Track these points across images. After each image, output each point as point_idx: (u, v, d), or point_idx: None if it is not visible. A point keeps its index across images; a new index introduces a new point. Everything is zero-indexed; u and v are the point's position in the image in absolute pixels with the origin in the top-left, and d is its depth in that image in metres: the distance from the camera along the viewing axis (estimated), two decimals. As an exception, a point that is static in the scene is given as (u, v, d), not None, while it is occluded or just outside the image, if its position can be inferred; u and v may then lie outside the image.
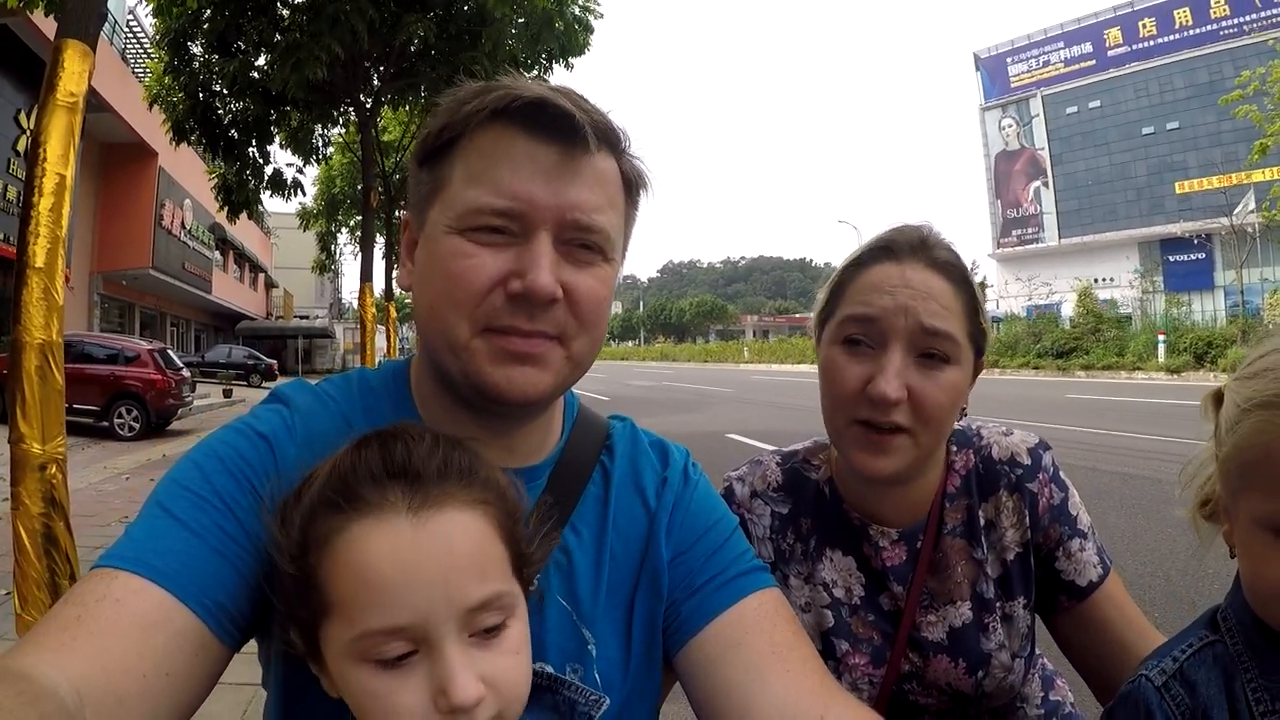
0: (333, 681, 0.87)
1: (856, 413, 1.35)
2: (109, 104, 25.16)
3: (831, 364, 1.40)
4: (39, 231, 3.59)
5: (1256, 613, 1.01)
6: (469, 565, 0.84)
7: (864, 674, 1.47)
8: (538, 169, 1.01)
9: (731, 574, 1.15)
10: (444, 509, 0.85)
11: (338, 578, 0.82)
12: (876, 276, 1.38)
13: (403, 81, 15.00)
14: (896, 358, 1.32)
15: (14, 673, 0.72)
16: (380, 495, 0.84)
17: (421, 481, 0.86)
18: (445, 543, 0.84)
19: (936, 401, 1.32)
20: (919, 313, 1.32)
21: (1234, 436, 0.98)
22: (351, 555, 0.82)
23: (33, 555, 3.55)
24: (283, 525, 0.88)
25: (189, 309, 46.61)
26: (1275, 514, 0.93)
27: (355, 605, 0.81)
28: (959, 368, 1.36)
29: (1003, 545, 1.47)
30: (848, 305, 1.40)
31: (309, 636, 0.87)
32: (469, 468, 0.91)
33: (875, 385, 1.31)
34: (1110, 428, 14.50)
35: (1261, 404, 0.94)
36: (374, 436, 0.91)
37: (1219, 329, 32.04)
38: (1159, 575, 5.86)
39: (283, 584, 0.88)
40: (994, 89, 73.13)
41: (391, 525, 0.83)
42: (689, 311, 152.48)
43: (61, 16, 3.83)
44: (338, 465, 0.88)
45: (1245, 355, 1.05)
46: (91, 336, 20.15)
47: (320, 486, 0.87)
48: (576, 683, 1.04)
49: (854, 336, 1.37)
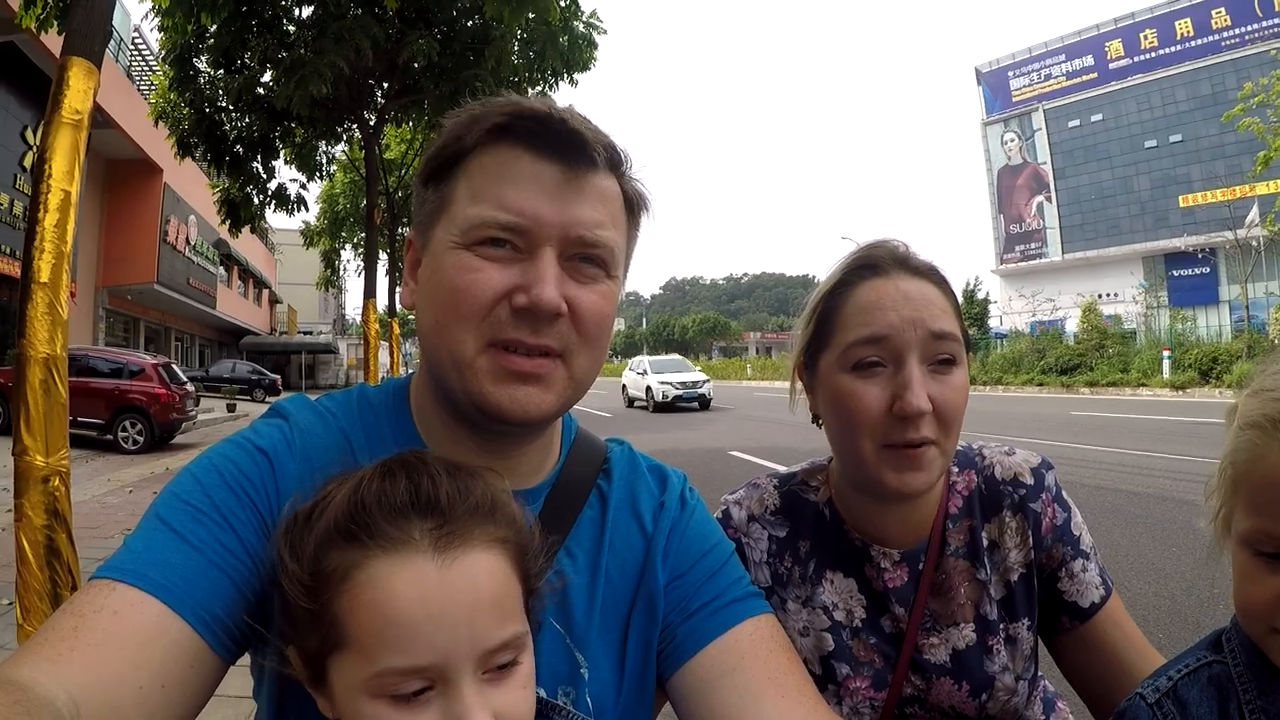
0: (331, 705, 0.87)
1: (886, 437, 1.31)
2: (114, 120, 25.31)
3: (847, 393, 1.34)
4: (44, 247, 3.61)
5: (1243, 628, 1.03)
6: (491, 607, 0.85)
7: (865, 698, 1.45)
8: (542, 186, 1.02)
9: (727, 599, 1.16)
10: (469, 550, 0.86)
11: (358, 615, 0.82)
12: (870, 295, 1.35)
13: (406, 99, 15.04)
14: (916, 370, 1.29)
15: (11, 682, 0.73)
16: (404, 532, 0.84)
17: (447, 519, 0.87)
18: (470, 585, 0.84)
19: (955, 405, 1.31)
20: (926, 320, 1.31)
21: (1228, 452, 1.01)
22: (375, 594, 0.82)
23: (35, 566, 3.56)
24: (292, 551, 0.87)
25: (193, 324, 46.76)
26: (1254, 532, 0.96)
27: (376, 644, 0.81)
28: (963, 367, 1.35)
29: (1006, 566, 1.45)
30: (848, 330, 1.36)
31: (313, 663, 0.87)
32: (491, 504, 0.91)
33: (905, 402, 1.27)
34: (1114, 445, 14.45)
35: (1250, 423, 0.97)
36: (399, 467, 0.90)
37: (1224, 344, 31.86)
38: (1164, 595, 5.83)
39: (289, 610, 0.87)
40: (996, 103, 73.14)
41: (417, 566, 0.83)
42: (692, 328, 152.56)
43: (67, 35, 3.85)
44: (358, 494, 0.87)
45: (1252, 371, 1.06)
46: (96, 351, 20.21)
47: (338, 515, 0.86)
48: (568, 707, 1.05)
49: (867, 359, 1.33)
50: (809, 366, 1.46)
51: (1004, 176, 72.50)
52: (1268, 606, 0.95)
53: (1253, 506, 0.96)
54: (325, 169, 18.26)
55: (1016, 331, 48.72)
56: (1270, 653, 0.99)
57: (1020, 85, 71.37)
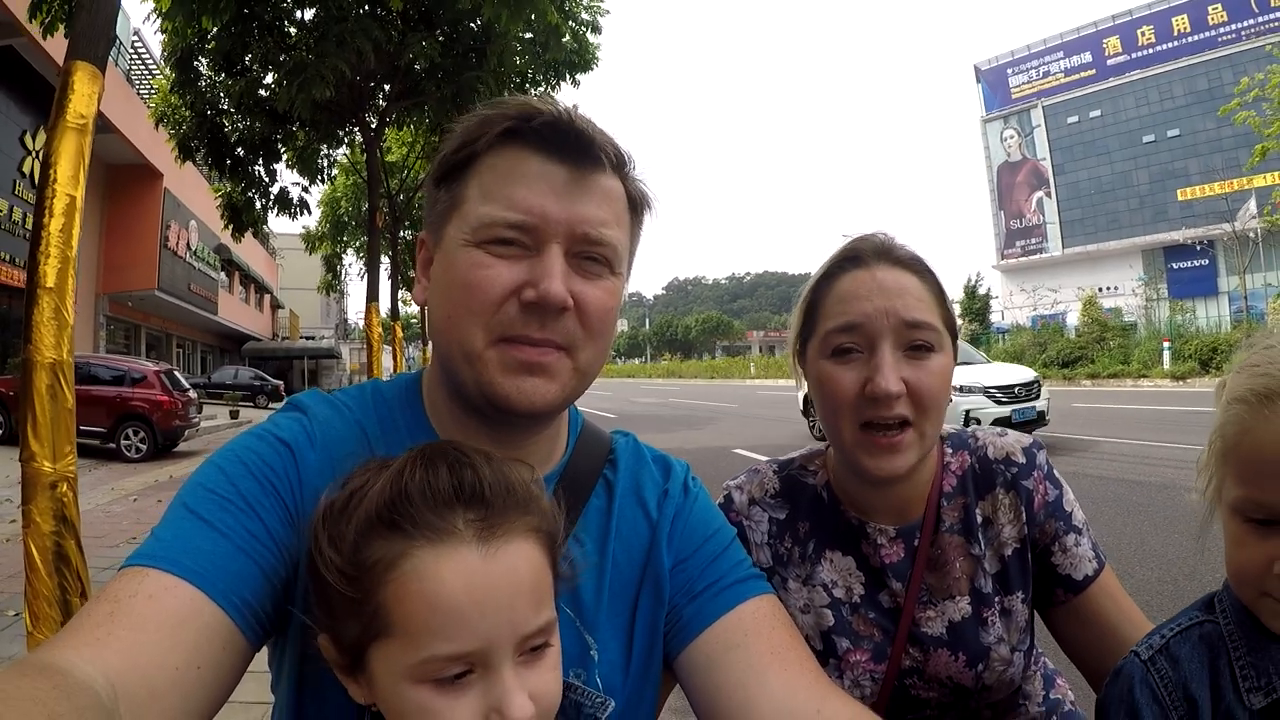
0: (367, 691, 0.90)
1: (860, 416, 1.38)
2: (114, 125, 25.26)
3: (825, 376, 1.43)
4: (50, 252, 3.62)
5: (1234, 591, 1.08)
6: (530, 594, 0.88)
7: (865, 670, 1.50)
8: (550, 185, 1.06)
9: (730, 580, 1.20)
10: (510, 540, 0.88)
11: (404, 604, 0.84)
12: (849, 286, 1.43)
13: (408, 101, 15.05)
14: (888, 354, 1.36)
15: (51, 666, 0.74)
16: (449, 522, 0.86)
17: (490, 509, 0.89)
18: (512, 574, 0.87)
19: (932, 388, 1.37)
20: (898, 309, 1.38)
21: (1218, 424, 1.06)
22: (422, 584, 0.84)
23: (44, 573, 3.57)
24: (332, 541, 0.89)
25: (195, 330, 46.75)
26: (1243, 501, 1.01)
27: (423, 632, 0.83)
28: (944, 354, 1.41)
29: (1000, 541, 1.51)
30: (828, 319, 1.44)
31: (351, 650, 0.89)
32: (527, 493, 0.94)
33: (874, 383, 1.34)
34: (1117, 435, 14.51)
35: (1239, 398, 1.02)
36: (439, 457, 0.92)
37: (1223, 334, 31.84)
38: (1167, 580, 5.86)
39: (327, 599, 0.89)
40: (995, 100, 73.18)
41: (462, 556, 0.85)
42: (695, 328, 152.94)
43: (71, 40, 3.86)
44: (398, 484, 0.89)
45: (1240, 348, 1.11)
46: (98, 358, 20.17)
47: (379, 505, 0.88)
48: (583, 685, 1.08)
49: (843, 346, 1.41)
50: (801, 354, 1.54)
51: (1004, 173, 72.55)
52: (1258, 571, 1.01)
53: (1241, 477, 1.02)
54: (327, 172, 18.27)
55: (1018, 326, 48.82)
56: (1261, 615, 1.04)
57: (1019, 82, 71.43)
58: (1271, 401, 0.98)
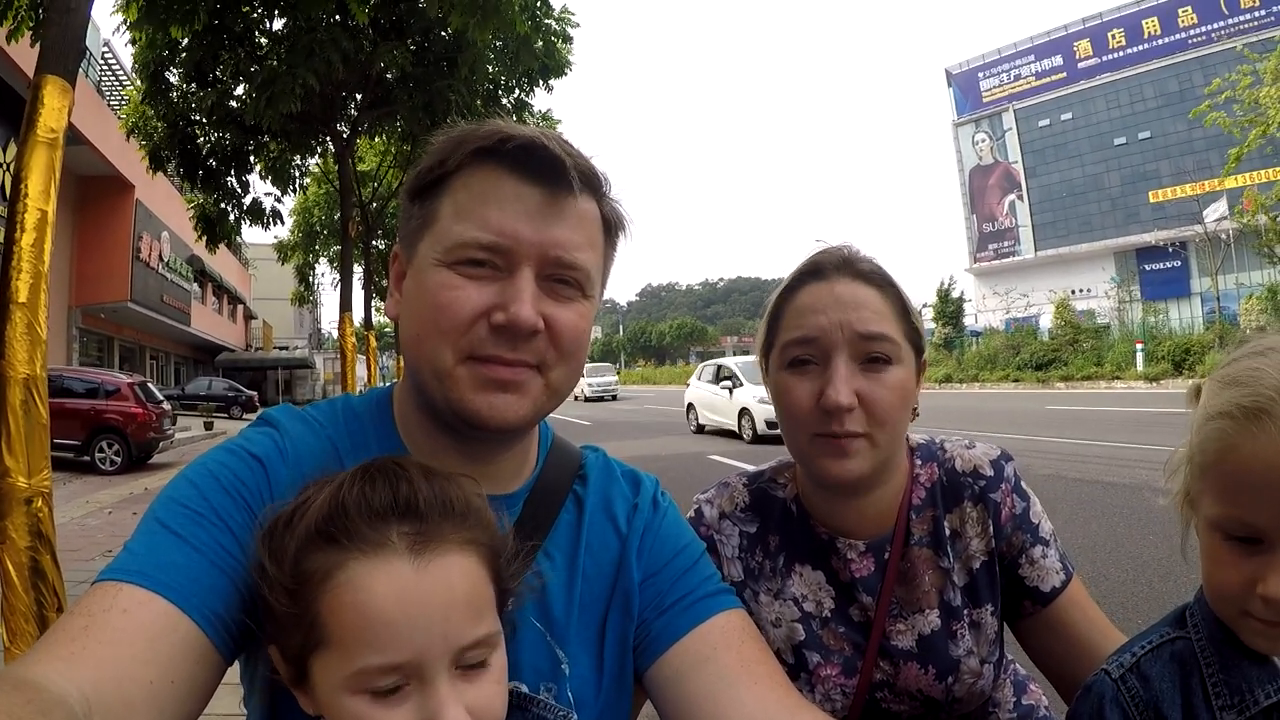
0: (312, 702, 0.91)
1: (815, 427, 1.40)
2: (85, 136, 24.93)
3: (783, 387, 1.45)
4: (21, 267, 3.59)
5: (1211, 607, 1.06)
6: (465, 606, 0.89)
7: (836, 684, 1.50)
8: (523, 208, 1.06)
9: (700, 594, 1.21)
10: (444, 552, 0.89)
11: (338, 615, 0.85)
12: (807, 299, 1.45)
13: (380, 110, 15.02)
14: (842, 367, 1.38)
15: (25, 682, 0.75)
16: (382, 535, 0.88)
17: (424, 522, 0.90)
18: (445, 586, 0.88)
19: (886, 401, 1.38)
20: (853, 322, 1.39)
21: (1198, 438, 1.03)
22: (354, 596, 0.85)
23: (20, 588, 3.53)
24: (272, 555, 0.90)
25: (168, 341, 46.24)
26: (1223, 518, 0.99)
27: (355, 643, 0.84)
28: (902, 366, 1.42)
29: (968, 554, 1.51)
30: (786, 331, 1.46)
31: (295, 662, 0.90)
32: (465, 507, 0.95)
33: (826, 396, 1.36)
34: (1091, 437, 14.60)
35: (1222, 413, 0.98)
36: (376, 472, 0.94)
37: (1196, 335, 32.25)
38: (1141, 581, 5.90)
39: (271, 610, 0.90)
40: (966, 104, 73.52)
41: (394, 567, 0.86)
42: (669, 334, 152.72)
43: (40, 52, 3.83)
44: (338, 499, 0.90)
45: (1224, 357, 1.08)
46: (71, 371, 19.95)
47: (318, 519, 0.89)
48: (549, 700, 1.09)
49: (799, 358, 1.43)
50: (765, 365, 1.56)
51: (976, 176, 72.89)
52: (1239, 591, 0.98)
53: (1223, 494, 0.98)
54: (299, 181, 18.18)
55: (991, 329, 49.10)
56: (1241, 633, 1.02)
57: (990, 86, 71.82)
58: (1258, 418, 0.94)
